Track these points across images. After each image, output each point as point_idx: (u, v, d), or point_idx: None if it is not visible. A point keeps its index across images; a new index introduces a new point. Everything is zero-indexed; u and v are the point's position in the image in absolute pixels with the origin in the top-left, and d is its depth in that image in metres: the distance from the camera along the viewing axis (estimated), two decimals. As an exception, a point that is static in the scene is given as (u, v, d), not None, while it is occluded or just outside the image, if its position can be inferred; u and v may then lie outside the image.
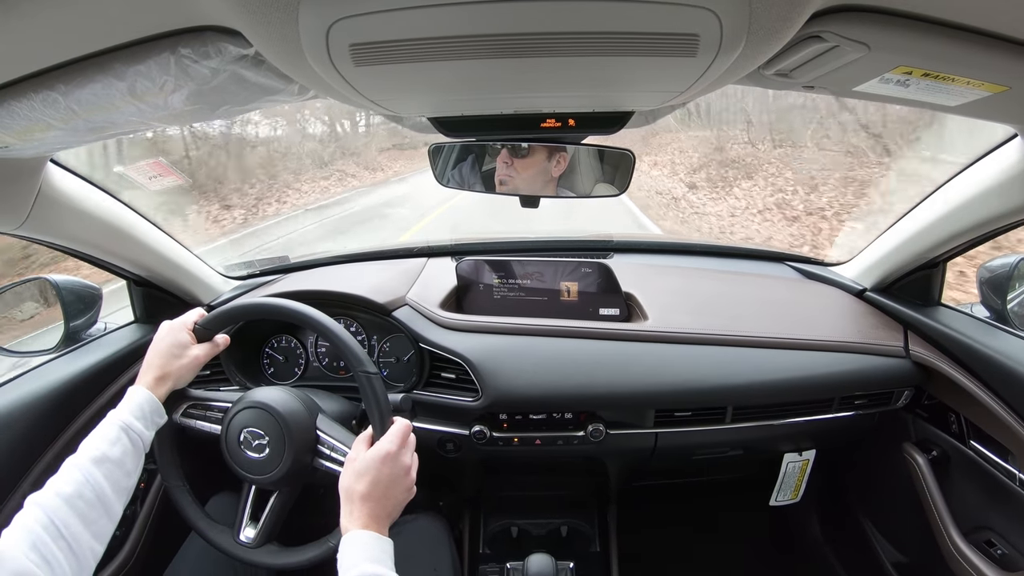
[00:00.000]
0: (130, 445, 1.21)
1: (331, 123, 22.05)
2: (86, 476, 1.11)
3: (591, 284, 1.94)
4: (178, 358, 1.37)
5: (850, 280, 2.11)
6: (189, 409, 1.46)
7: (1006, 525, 1.60)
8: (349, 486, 1.18)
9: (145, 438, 1.25)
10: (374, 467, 1.18)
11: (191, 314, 1.45)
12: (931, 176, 3.85)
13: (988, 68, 0.86)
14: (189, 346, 1.40)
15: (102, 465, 1.14)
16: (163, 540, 1.80)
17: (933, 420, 1.86)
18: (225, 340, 1.48)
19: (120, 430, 1.20)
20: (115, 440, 1.19)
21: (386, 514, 1.17)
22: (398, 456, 1.22)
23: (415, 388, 1.82)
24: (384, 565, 1.08)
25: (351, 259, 2.38)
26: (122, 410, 1.25)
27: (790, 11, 0.66)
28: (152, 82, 0.85)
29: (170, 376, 1.35)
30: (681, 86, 0.87)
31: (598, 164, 1.37)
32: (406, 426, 1.28)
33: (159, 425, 1.32)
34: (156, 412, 1.30)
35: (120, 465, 1.17)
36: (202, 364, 1.42)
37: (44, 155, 1.29)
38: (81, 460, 1.14)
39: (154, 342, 1.38)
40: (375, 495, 1.16)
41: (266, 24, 0.66)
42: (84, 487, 1.10)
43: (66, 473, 1.11)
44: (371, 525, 1.13)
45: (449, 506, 2.35)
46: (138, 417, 1.25)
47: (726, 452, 2.02)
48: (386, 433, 1.25)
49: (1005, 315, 1.65)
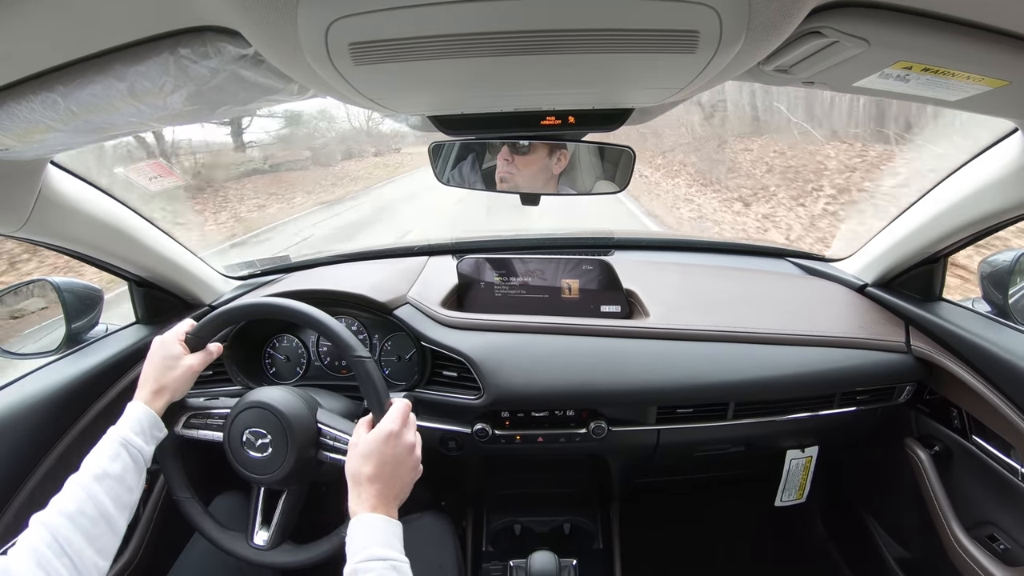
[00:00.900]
0: (130, 460, 1.21)
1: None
2: (88, 493, 1.12)
3: (592, 281, 1.94)
4: (172, 370, 1.37)
5: (851, 276, 2.11)
6: (191, 419, 1.46)
7: (1009, 520, 1.60)
8: (355, 470, 1.18)
9: (145, 452, 1.26)
10: (378, 448, 1.19)
11: (181, 325, 1.45)
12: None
13: (988, 63, 0.86)
14: (182, 357, 1.40)
15: (103, 481, 1.15)
16: (166, 542, 1.80)
17: (935, 415, 1.86)
18: (218, 348, 1.48)
19: (119, 446, 1.21)
20: (115, 456, 1.19)
21: (394, 495, 1.18)
22: (401, 435, 1.22)
23: (417, 387, 1.82)
24: (394, 548, 1.08)
25: (352, 258, 2.38)
26: (121, 426, 1.25)
27: (789, 7, 0.66)
28: (152, 83, 0.85)
29: (166, 388, 1.35)
30: (681, 83, 0.87)
31: (598, 161, 1.37)
32: (406, 405, 1.29)
33: (159, 439, 1.32)
34: (155, 426, 1.31)
35: (121, 481, 1.18)
36: (197, 373, 1.42)
37: (44, 157, 1.30)
38: (82, 477, 1.15)
39: (148, 357, 1.39)
40: (382, 476, 1.17)
41: (265, 24, 0.66)
42: (86, 504, 1.10)
43: (68, 491, 1.12)
44: (379, 507, 1.13)
45: (452, 504, 2.35)
46: (137, 432, 1.25)
47: (728, 449, 2.02)
48: (386, 414, 1.26)
49: (1007, 310, 1.64)
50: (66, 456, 1.56)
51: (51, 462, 1.53)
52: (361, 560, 1.04)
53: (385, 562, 1.04)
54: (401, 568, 1.06)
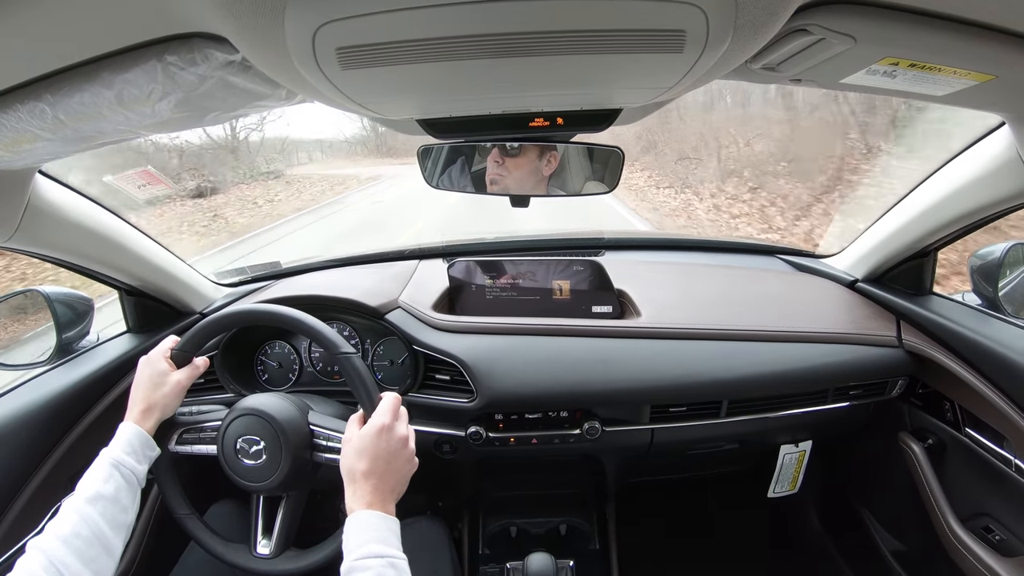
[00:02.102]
0: (123, 481, 1.21)
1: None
2: (81, 515, 1.11)
3: (583, 282, 1.94)
4: (160, 387, 1.36)
5: (842, 271, 2.12)
6: (183, 435, 1.45)
7: (1003, 511, 1.61)
8: (350, 466, 1.18)
9: (138, 472, 1.25)
10: (371, 443, 1.19)
11: (166, 342, 1.44)
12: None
13: (974, 57, 0.87)
14: (169, 373, 1.39)
15: (97, 503, 1.14)
16: (163, 549, 1.80)
17: (928, 409, 1.87)
18: (205, 362, 1.47)
19: (112, 467, 1.21)
20: (107, 478, 1.19)
21: (390, 489, 1.17)
22: (393, 428, 1.22)
23: (410, 391, 1.82)
24: (391, 545, 1.08)
25: (342, 263, 2.38)
26: (113, 447, 1.25)
27: (776, 5, 0.67)
28: (139, 90, 0.84)
29: (156, 406, 1.35)
30: (669, 82, 0.87)
31: (588, 162, 1.37)
32: (396, 398, 1.29)
33: (151, 458, 1.31)
34: (147, 446, 1.30)
35: (115, 502, 1.17)
36: (185, 389, 1.41)
37: (32, 166, 1.29)
38: (76, 501, 1.14)
39: (135, 377, 1.38)
40: (377, 470, 1.16)
41: (252, 29, 0.66)
42: (80, 526, 1.10)
43: (63, 514, 1.12)
44: (376, 503, 1.13)
45: (448, 508, 2.36)
46: (128, 452, 1.25)
47: (722, 446, 2.03)
48: (377, 408, 1.26)
49: (997, 302, 1.66)
50: (60, 467, 1.56)
51: (45, 473, 1.52)
52: (358, 558, 1.04)
53: (382, 559, 1.04)
54: (399, 565, 1.05)
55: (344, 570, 1.04)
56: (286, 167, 23.49)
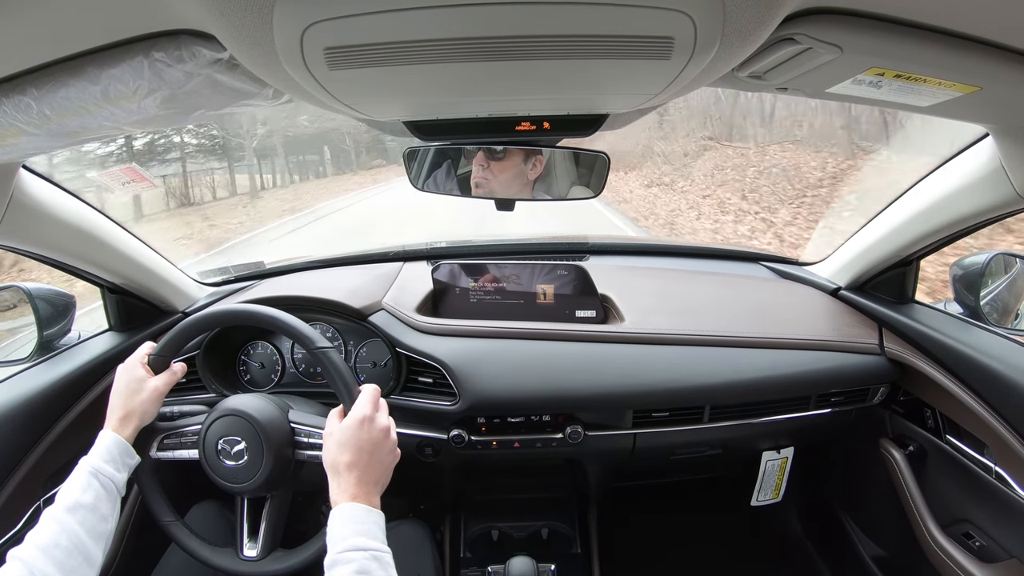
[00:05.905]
0: (102, 490, 1.20)
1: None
2: (61, 525, 1.11)
3: (567, 286, 1.94)
4: (138, 393, 1.35)
5: (825, 279, 2.13)
6: (164, 441, 1.44)
7: (983, 517, 1.62)
8: (333, 459, 1.18)
9: (117, 480, 1.24)
10: (353, 435, 1.18)
11: (142, 348, 1.43)
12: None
13: (959, 69, 0.87)
14: (146, 379, 1.38)
15: (76, 512, 1.14)
16: (143, 550, 1.78)
17: (909, 416, 1.88)
18: (182, 368, 1.46)
19: (90, 476, 1.20)
20: (86, 486, 1.18)
21: (374, 480, 1.17)
22: (374, 419, 1.22)
23: (392, 393, 1.81)
24: (375, 538, 1.08)
25: (326, 264, 2.37)
26: (92, 456, 1.24)
27: (763, 14, 0.67)
28: (125, 86, 0.84)
29: (134, 413, 1.33)
30: (655, 88, 0.87)
31: (573, 167, 1.37)
32: (375, 390, 1.29)
33: (131, 466, 1.31)
34: (126, 453, 1.29)
35: (94, 511, 1.17)
36: (163, 395, 1.40)
37: (16, 161, 1.28)
38: (55, 510, 1.14)
39: (113, 385, 1.37)
40: (360, 462, 1.16)
41: (240, 27, 0.65)
42: (60, 536, 1.09)
43: (42, 524, 1.11)
44: (360, 495, 1.13)
45: (429, 511, 2.35)
46: (107, 461, 1.24)
47: (705, 451, 2.03)
48: (356, 400, 1.25)
49: (978, 311, 1.67)
50: (40, 465, 1.54)
51: (24, 472, 1.51)
52: (341, 551, 1.04)
53: (366, 552, 1.04)
54: (383, 559, 1.05)
55: (327, 563, 1.04)
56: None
